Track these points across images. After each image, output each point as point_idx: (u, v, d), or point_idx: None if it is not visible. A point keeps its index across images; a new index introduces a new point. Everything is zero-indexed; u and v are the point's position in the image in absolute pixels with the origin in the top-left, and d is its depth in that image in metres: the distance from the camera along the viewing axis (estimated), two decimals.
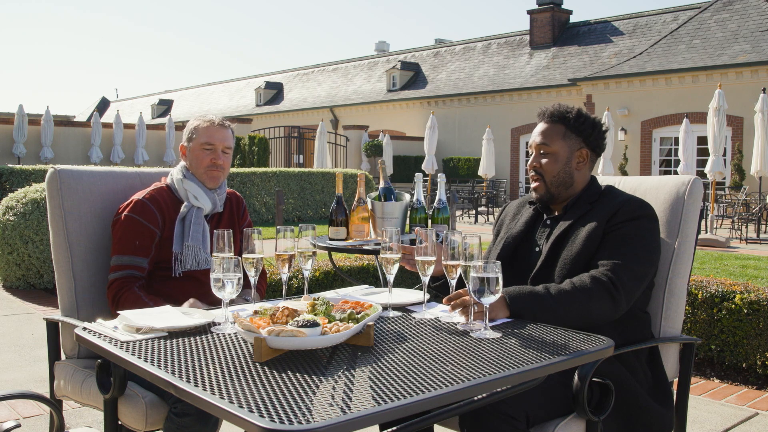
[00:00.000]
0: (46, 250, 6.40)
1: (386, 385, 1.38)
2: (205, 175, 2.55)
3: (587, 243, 2.15)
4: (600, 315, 2.05)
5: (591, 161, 2.34)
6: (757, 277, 7.00)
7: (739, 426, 3.37)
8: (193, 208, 2.51)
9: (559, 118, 2.31)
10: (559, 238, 2.23)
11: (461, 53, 32.73)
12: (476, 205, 18.19)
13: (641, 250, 2.12)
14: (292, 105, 37.95)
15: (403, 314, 2.03)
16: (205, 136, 2.55)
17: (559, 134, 2.30)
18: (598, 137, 2.33)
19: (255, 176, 13.69)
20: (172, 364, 1.51)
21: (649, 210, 2.20)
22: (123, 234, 2.41)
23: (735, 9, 22.51)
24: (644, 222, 2.16)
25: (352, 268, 5.30)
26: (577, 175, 2.31)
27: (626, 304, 2.07)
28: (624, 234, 2.13)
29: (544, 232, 2.31)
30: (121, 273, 2.39)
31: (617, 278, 2.05)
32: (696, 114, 19.98)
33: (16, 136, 19.66)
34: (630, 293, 2.07)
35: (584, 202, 2.27)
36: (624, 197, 2.24)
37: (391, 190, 3.20)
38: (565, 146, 2.29)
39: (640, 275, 2.10)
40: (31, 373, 4.11)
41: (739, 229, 13.02)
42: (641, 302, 2.22)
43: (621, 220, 2.15)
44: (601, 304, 2.04)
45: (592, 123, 2.32)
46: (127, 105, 51.67)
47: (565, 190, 2.30)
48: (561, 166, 2.28)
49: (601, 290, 2.04)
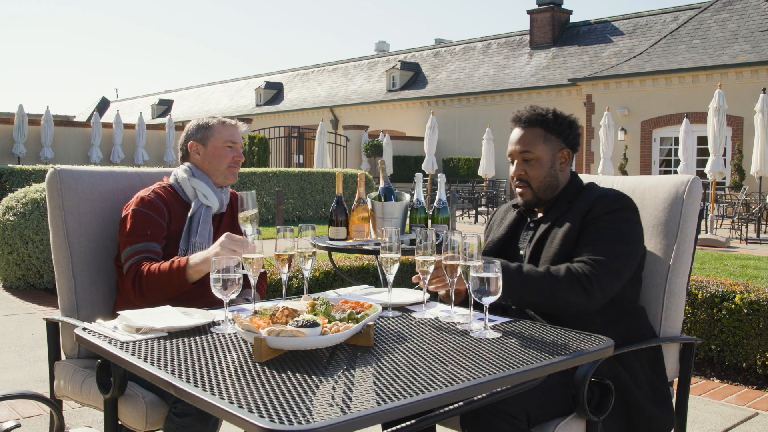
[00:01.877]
0: (46, 250, 6.40)
1: (386, 385, 1.38)
2: (227, 172, 2.60)
3: (564, 242, 2.16)
4: (570, 305, 2.04)
5: (571, 159, 2.34)
6: (757, 277, 7.00)
7: (739, 426, 3.37)
8: (202, 207, 2.52)
9: (537, 122, 2.27)
10: (540, 240, 2.23)
11: (461, 53, 32.73)
12: (476, 205, 18.20)
13: (618, 243, 2.10)
14: (292, 105, 37.95)
15: (403, 314, 2.03)
16: (228, 134, 2.61)
17: (540, 138, 2.27)
18: (575, 135, 2.33)
19: (255, 176, 13.69)
20: (172, 364, 1.51)
21: (625, 201, 2.18)
22: (133, 226, 2.39)
23: (735, 9, 22.51)
24: (621, 214, 2.15)
25: (352, 268, 5.30)
26: (561, 176, 2.31)
27: (602, 298, 2.06)
28: (600, 228, 2.13)
29: (527, 235, 2.32)
30: (134, 259, 2.36)
31: (592, 272, 2.05)
32: (696, 114, 19.99)
33: (16, 136, 19.65)
34: (606, 287, 2.06)
35: (563, 202, 2.27)
36: (600, 192, 2.23)
37: (391, 190, 3.20)
38: (547, 149, 2.27)
39: (616, 269, 2.08)
40: (31, 373, 4.11)
41: (739, 229, 13.02)
42: (631, 295, 2.21)
43: (597, 215, 2.15)
44: (572, 294, 2.03)
45: (569, 122, 2.31)
46: (127, 105, 51.68)
47: (552, 193, 2.30)
48: (547, 170, 2.27)
49: (573, 282, 2.03)
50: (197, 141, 2.60)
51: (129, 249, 2.38)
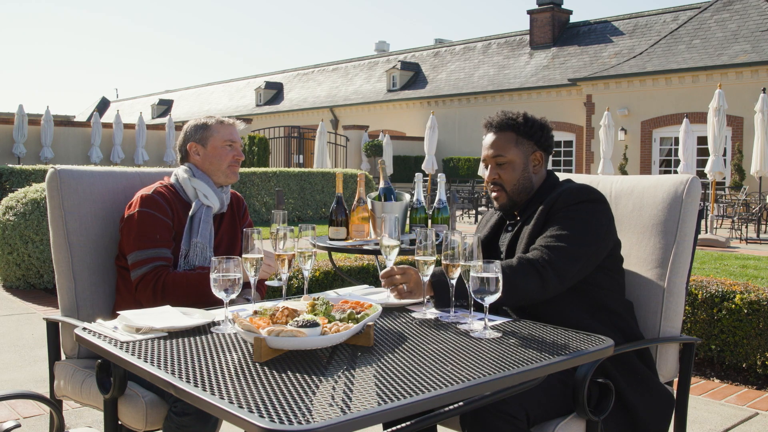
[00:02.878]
0: (46, 250, 6.40)
1: (386, 385, 1.38)
2: (228, 171, 2.60)
3: (530, 239, 2.19)
4: (528, 292, 2.05)
5: (545, 161, 2.36)
6: (757, 277, 7.00)
7: (739, 426, 3.37)
8: (203, 207, 2.52)
9: (508, 126, 2.32)
10: (512, 241, 2.28)
11: (461, 53, 32.73)
12: (476, 205, 18.20)
13: (576, 230, 2.11)
14: (292, 105, 37.96)
15: (403, 314, 2.03)
16: (227, 134, 2.61)
17: (511, 142, 2.31)
18: (547, 138, 2.35)
19: (255, 176, 13.69)
20: (172, 364, 1.51)
21: (590, 194, 2.19)
22: (141, 229, 2.38)
23: (735, 9, 22.51)
24: (582, 206, 2.16)
25: (352, 268, 5.30)
26: (535, 178, 2.33)
27: (559, 283, 2.07)
28: (559, 218, 2.16)
29: (506, 237, 2.35)
30: (148, 266, 2.35)
31: (543, 258, 2.07)
32: (696, 114, 19.99)
33: (16, 136, 19.66)
34: (561, 272, 2.06)
35: (536, 202, 2.29)
36: (566, 186, 2.25)
37: (391, 190, 3.20)
38: (519, 153, 2.30)
39: (572, 254, 2.09)
40: (31, 373, 4.11)
41: (739, 229, 13.02)
42: (608, 284, 2.20)
43: (559, 208, 2.17)
44: (527, 280, 2.04)
45: (540, 125, 2.34)
46: (127, 105, 51.69)
47: (527, 195, 2.33)
48: (519, 173, 2.30)
49: (526, 267, 2.05)
50: (196, 142, 2.59)
51: (136, 254, 2.37)
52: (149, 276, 2.34)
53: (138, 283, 2.35)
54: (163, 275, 2.34)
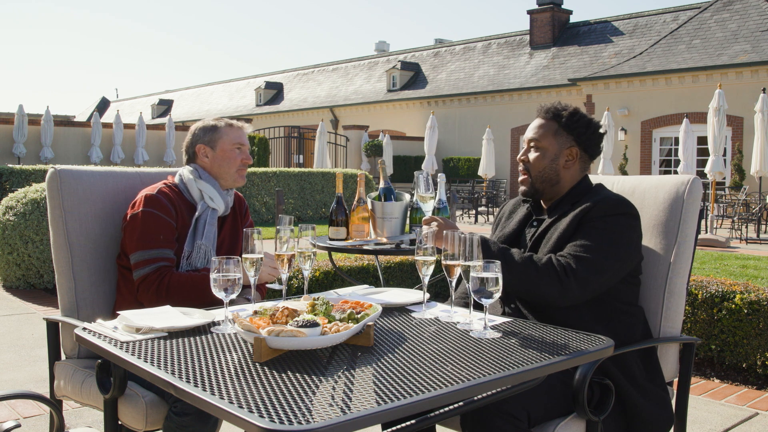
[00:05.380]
0: (46, 250, 6.40)
1: (386, 385, 1.38)
2: (236, 174, 2.60)
3: (558, 241, 2.18)
4: (546, 295, 2.07)
5: (582, 161, 2.33)
6: (757, 277, 7.00)
7: (739, 426, 3.37)
8: (208, 209, 2.51)
9: (553, 115, 2.33)
10: (539, 238, 2.26)
11: (461, 53, 32.72)
12: (476, 205, 18.19)
13: (606, 243, 2.11)
14: (292, 105, 37.95)
15: (403, 314, 2.03)
16: (236, 136, 2.60)
17: (551, 131, 2.31)
18: (591, 137, 2.33)
19: (255, 176, 13.68)
20: (172, 364, 1.51)
21: (626, 208, 2.18)
22: (144, 230, 2.37)
23: (735, 9, 22.51)
24: (618, 219, 2.15)
25: (352, 268, 5.30)
26: (564, 173, 2.31)
27: (579, 293, 2.07)
28: (592, 227, 2.14)
29: (530, 232, 2.34)
30: (151, 267, 2.35)
31: (570, 265, 2.07)
32: (696, 114, 19.99)
33: (16, 136, 19.65)
34: (584, 283, 2.06)
35: (567, 202, 2.28)
36: (603, 195, 2.23)
37: (391, 190, 3.20)
38: (554, 143, 2.30)
39: (599, 267, 2.08)
40: (31, 373, 4.11)
41: (739, 229, 13.02)
42: (626, 296, 2.21)
43: (594, 216, 2.16)
44: (549, 284, 2.05)
45: (586, 123, 2.32)
46: (127, 105, 51.68)
47: (551, 187, 2.31)
48: (548, 162, 2.30)
49: (551, 272, 2.06)
50: (205, 144, 2.58)
51: (139, 254, 2.36)
52: (152, 276, 2.34)
53: (140, 283, 2.35)
54: (166, 276, 2.33)
